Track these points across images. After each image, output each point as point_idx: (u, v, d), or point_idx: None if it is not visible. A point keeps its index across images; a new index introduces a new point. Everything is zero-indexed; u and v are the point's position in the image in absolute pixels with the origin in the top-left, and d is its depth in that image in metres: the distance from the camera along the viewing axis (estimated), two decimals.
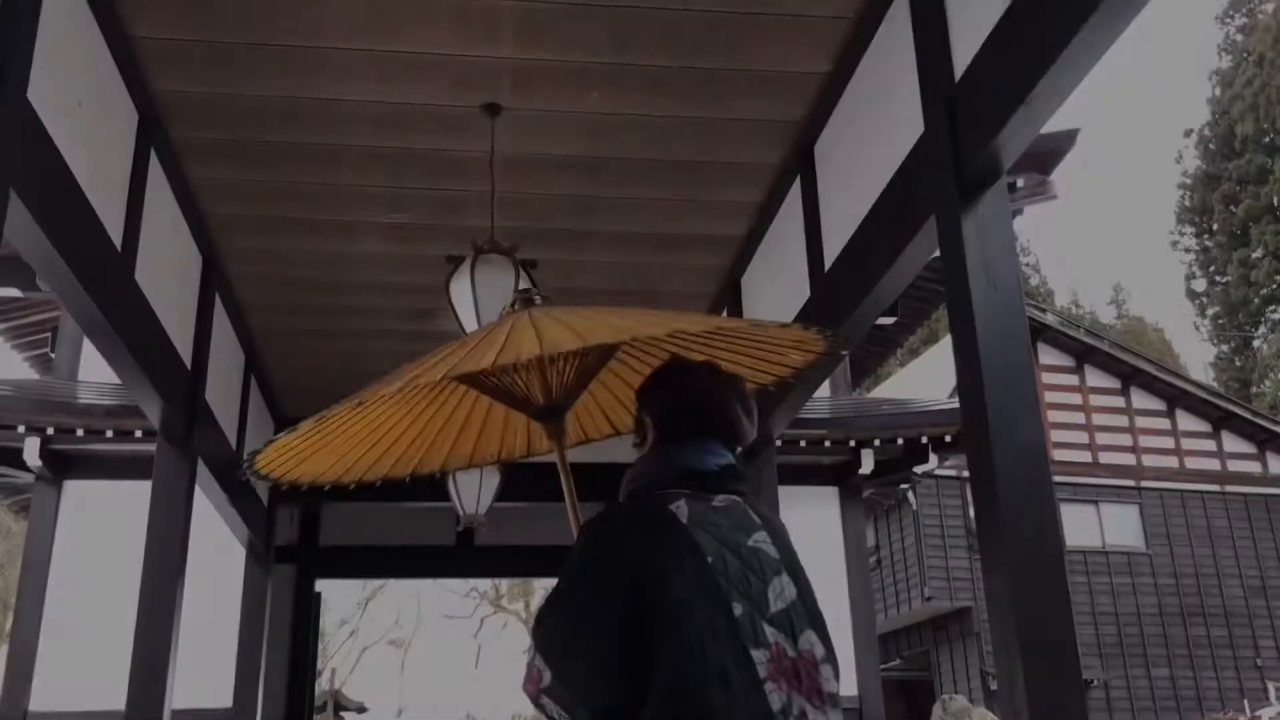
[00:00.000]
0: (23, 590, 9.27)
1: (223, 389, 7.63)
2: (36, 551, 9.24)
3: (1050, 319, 23.28)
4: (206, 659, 8.70)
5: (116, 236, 5.18)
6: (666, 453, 2.38)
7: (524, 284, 5.28)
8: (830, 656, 2.05)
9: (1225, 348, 46.21)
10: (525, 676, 1.96)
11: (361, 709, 33.56)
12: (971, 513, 20.16)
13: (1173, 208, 47.91)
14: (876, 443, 10.25)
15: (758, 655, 1.85)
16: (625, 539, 2.07)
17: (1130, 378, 23.27)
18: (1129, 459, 22.59)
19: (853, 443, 10.21)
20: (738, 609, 1.88)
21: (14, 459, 9.02)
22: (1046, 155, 7.88)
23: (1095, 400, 23.06)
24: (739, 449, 2.43)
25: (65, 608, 9.10)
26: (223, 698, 8.92)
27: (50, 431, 8.84)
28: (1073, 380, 22.92)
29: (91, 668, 8.73)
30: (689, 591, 1.88)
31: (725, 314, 7.74)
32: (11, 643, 9.39)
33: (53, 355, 10.69)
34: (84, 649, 8.86)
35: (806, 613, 2.09)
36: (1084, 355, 23.08)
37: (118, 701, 6.48)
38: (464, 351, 2.38)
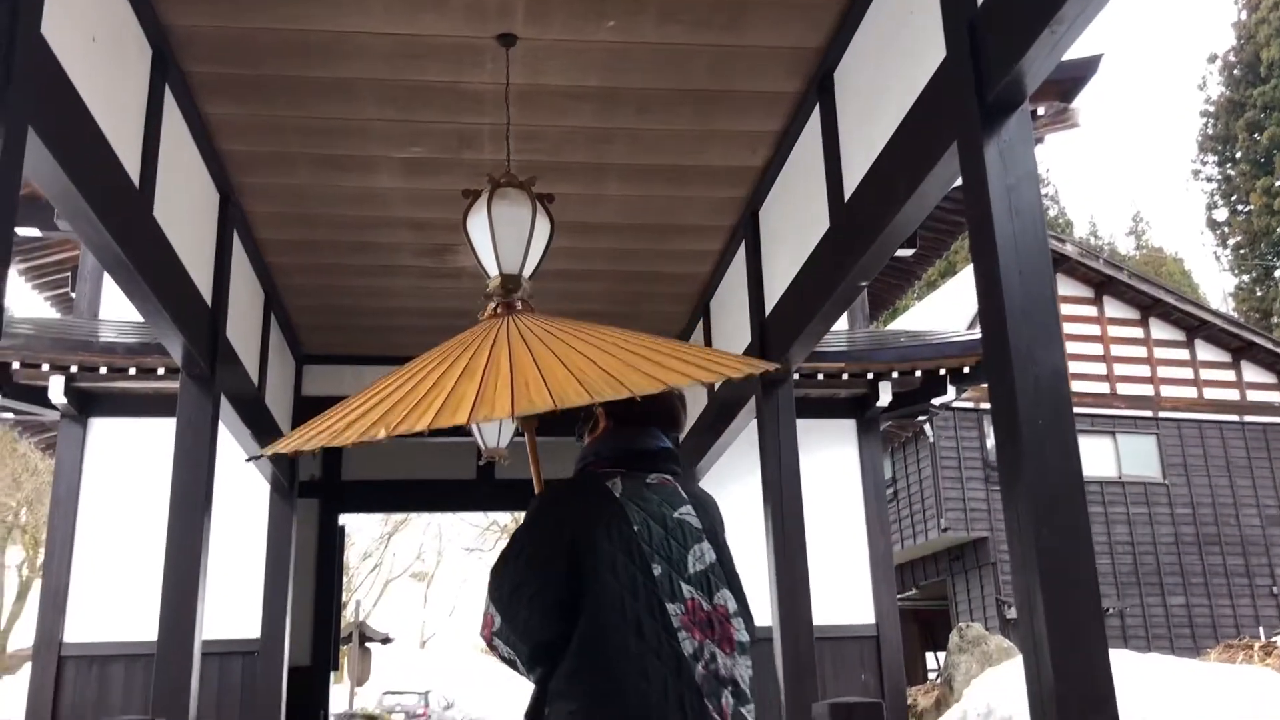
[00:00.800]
0: (53, 526, 9.43)
1: (243, 326, 7.67)
2: (65, 488, 9.37)
3: (1069, 249, 23.09)
4: (234, 593, 8.87)
5: (134, 173, 5.19)
6: (615, 435, 2.78)
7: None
8: (742, 611, 2.52)
9: (1246, 278, 45.75)
10: (481, 622, 2.34)
11: (386, 640, 34.19)
12: (989, 445, 20.23)
13: (1195, 136, 47.11)
14: (894, 375, 10.24)
15: (673, 608, 2.23)
16: (566, 508, 2.48)
17: (1149, 308, 23.11)
18: (1147, 390, 22.52)
19: (870, 375, 10.20)
20: (657, 569, 2.25)
21: (39, 397, 9.12)
22: (1068, 82, 7.74)
23: (1114, 331, 22.94)
24: (676, 434, 2.85)
25: (95, 543, 9.25)
26: (250, 630, 9.09)
27: (74, 370, 8.92)
28: (1091, 311, 22.78)
29: (122, 601, 8.92)
30: (615, 553, 2.26)
31: (743, 246, 7.71)
32: (44, 577, 9.57)
33: (73, 295, 10.74)
34: (114, 583, 9.03)
35: (724, 574, 2.50)
36: (1103, 286, 22.91)
37: (149, 633, 6.63)
38: (438, 373, 2.60)
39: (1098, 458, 20.44)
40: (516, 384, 2.34)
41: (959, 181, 4.28)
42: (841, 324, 10.83)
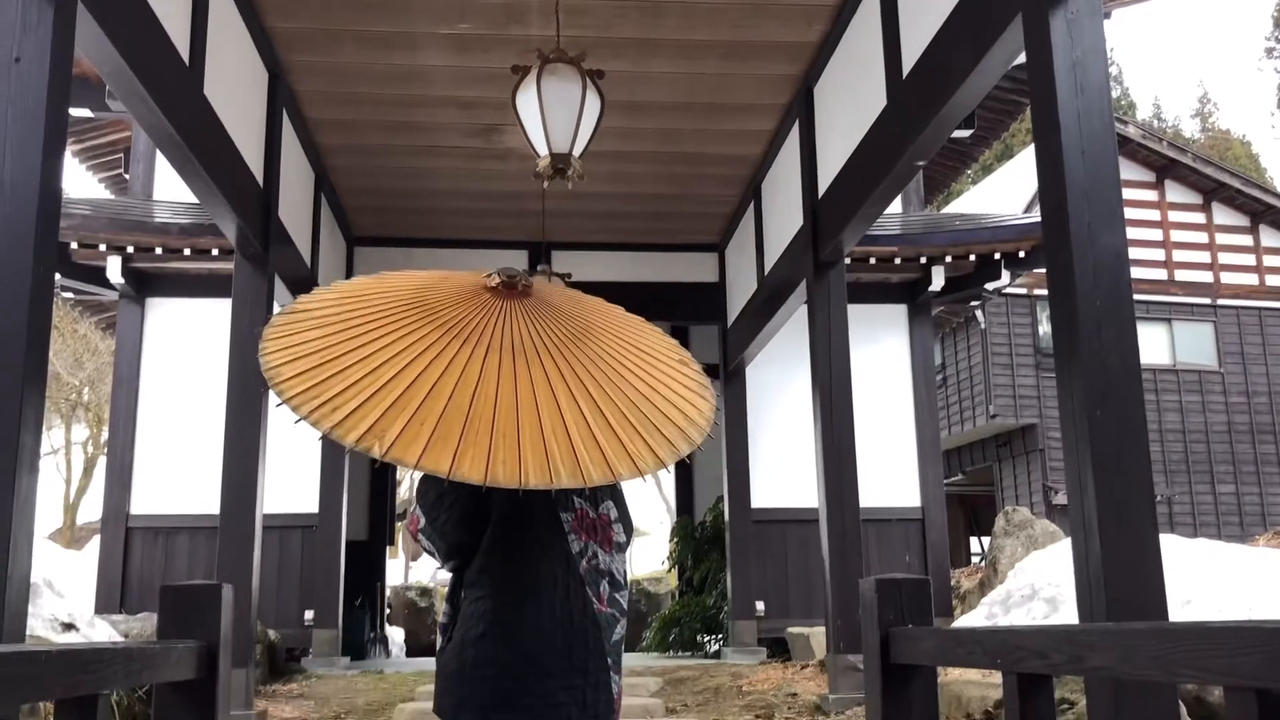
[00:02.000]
0: (115, 404, 9.69)
1: (295, 207, 7.71)
2: (126, 367, 9.60)
3: (1131, 131, 22.38)
4: (293, 470, 9.08)
5: (184, 50, 5.16)
6: None
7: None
8: (623, 518, 2.79)
9: None
10: (410, 520, 2.71)
11: None
12: (1041, 331, 19.98)
13: (1270, 11, 45.00)
14: (947, 259, 10.10)
15: (565, 516, 2.61)
16: None
17: (1212, 193, 22.44)
18: (1206, 276, 22.02)
19: (924, 259, 10.07)
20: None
21: (98, 277, 9.27)
22: None
23: (1174, 216, 22.35)
24: None
25: (156, 420, 9.50)
26: (309, 505, 9.35)
27: (130, 250, 9.04)
28: (1151, 196, 22.17)
29: (184, 476, 9.19)
30: None
31: (796, 125, 7.57)
32: (109, 454, 9.88)
33: (127, 176, 10.82)
34: (176, 458, 9.29)
35: (608, 488, 2.74)
36: (1165, 170, 22.23)
37: (211, 507, 6.85)
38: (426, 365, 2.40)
39: (1152, 345, 20.13)
40: (526, 442, 2.30)
41: (1022, 58, 4.15)
42: (895, 207, 10.65)
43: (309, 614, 9.32)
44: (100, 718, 2.23)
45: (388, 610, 13.43)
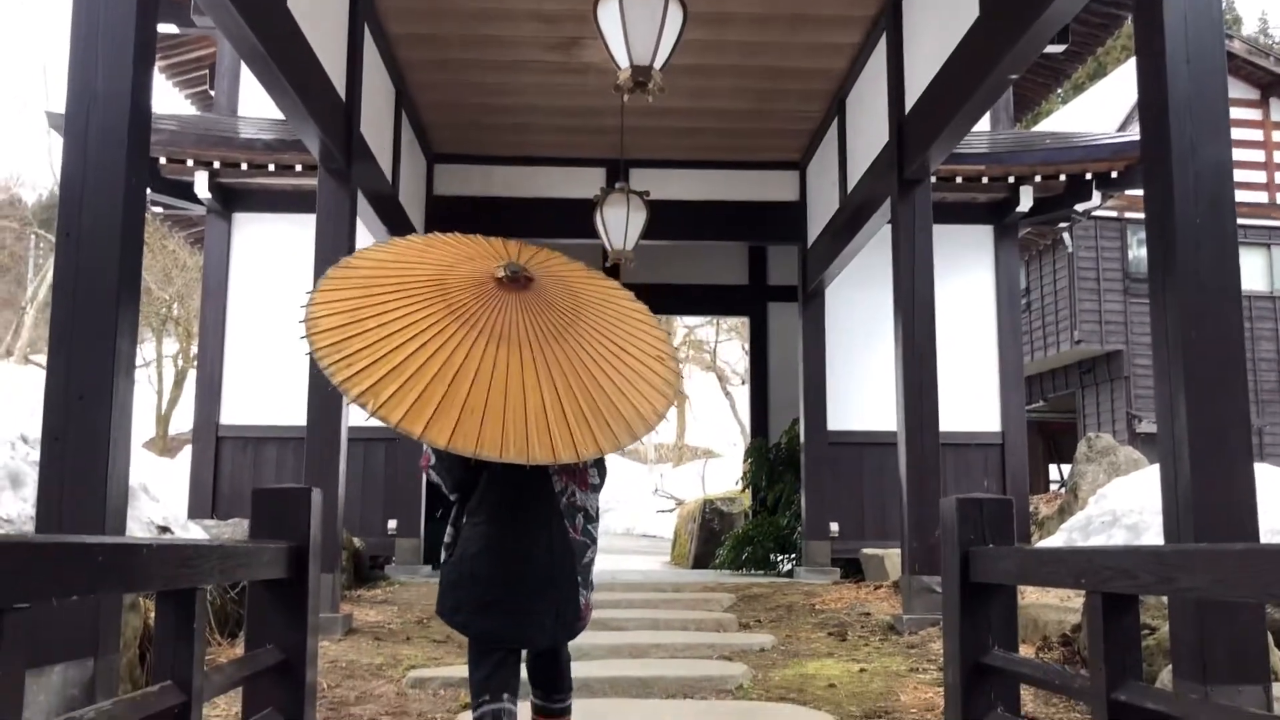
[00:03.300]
0: (204, 318, 9.94)
1: (377, 123, 7.74)
2: (214, 281, 9.81)
3: (1235, 46, 21.36)
4: None
5: None
6: None
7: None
8: (597, 464, 3.29)
9: None
10: (424, 456, 3.24)
11: None
12: (1130, 255, 19.41)
13: None
14: (1037, 179, 9.80)
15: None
16: None
17: None
18: None
19: (1012, 179, 9.79)
20: None
21: (186, 192, 9.45)
22: None
23: (1278, 136, 21.45)
24: None
25: (244, 334, 9.73)
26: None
27: (216, 165, 9.19)
28: (1255, 115, 21.23)
29: (272, 388, 9.43)
30: None
31: (884, 38, 7.37)
32: (199, 366, 10.16)
33: (212, 92, 10.95)
34: (264, 371, 9.52)
35: None
36: (1270, 87, 21.24)
37: (298, 419, 7.02)
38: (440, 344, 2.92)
39: (1249, 271, 19.40)
40: (532, 424, 2.83)
41: None
42: (983, 125, 10.36)
43: (392, 523, 9.58)
44: (198, 611, 2.32)
45: None
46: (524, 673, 3.33)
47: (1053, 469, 23.56)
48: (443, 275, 3.11)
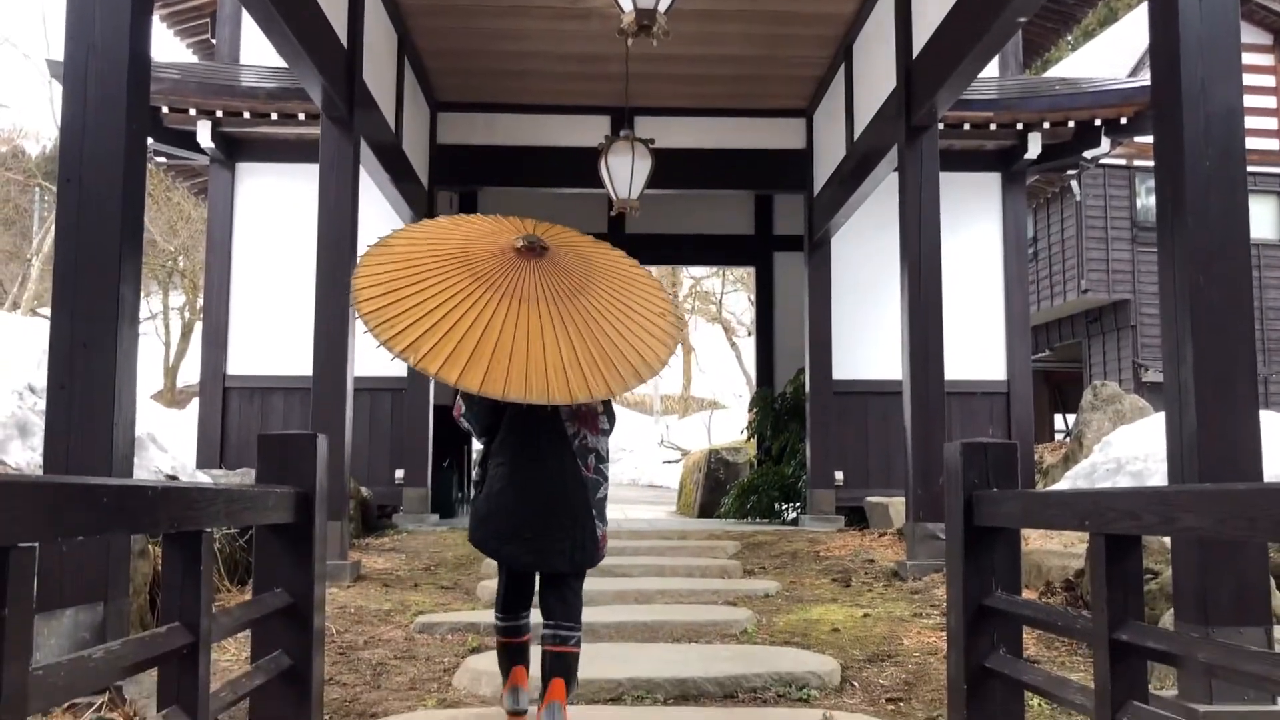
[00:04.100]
0: (209, 268, 9.92)
1: (379, 70, 7.67)
2: (218, 231, 9.78)
3: None
4: None
5: None
6: None
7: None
8: (607, 412, 3.64)
9: None
10: (455, 406, 3.65)
11: None
12: (1138, 204, 19.27)
13: None
14: (1045, 125, 9.71)
15: (563, 409, 3.48)
16: None
17: None
18: None
19: (1020, 125, 9.70)
20: None
21: (189, 142, 9.40)
22: None
23: None
24: None
25: (249, 284, 9.72)
26: (399, 369, 9.55)
27: (219, 114, 9.12)
28: (1266, 60, 20.95)
29: (279, 338, 9.44)
30: None
31: None
32: (205, 316, 10.17)
33: (213, 40, 10.84)
34: (270, 321, 9.53)
35: None
36: None
37: (305, 369, 7.03)
38: (468, 306, 3.33)
39: (1258, 219, 19.25)
40: (545, 370, 3.21)
41: None
42: (992, 71, 10.23)
43: (399, 473, 9.63)
44: (205, 554, 2.33)
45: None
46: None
47: (1058, 419, 23.58)
48: (468, 247, 3.53)
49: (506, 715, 3.52)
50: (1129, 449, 6.62)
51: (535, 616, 3.60)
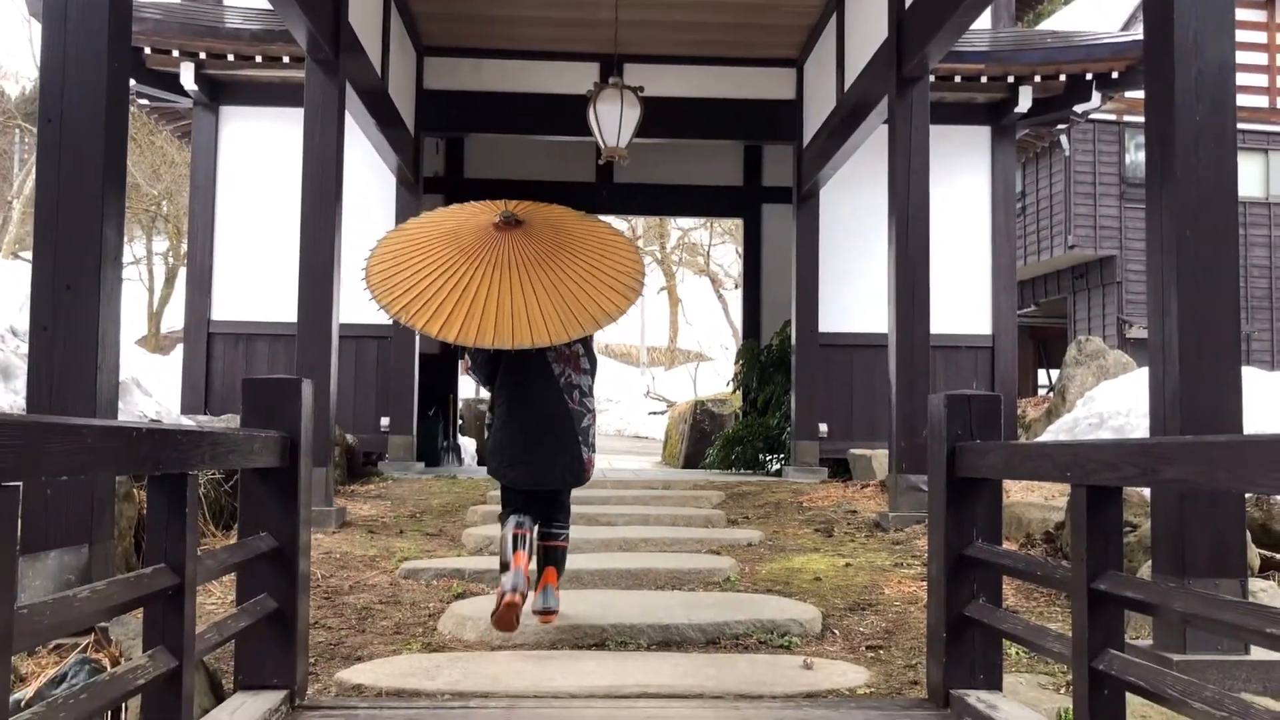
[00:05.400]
0: (193, 213, 9.84)
1: (365, 13, 7.56)
2: (202, 175, 9.68)
3: None
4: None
5: None
6: None
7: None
8: (587, 351, 4.24)
9: None
10: (461, 363, 4.45)
11: None
12: (1127, 160, 19.25)
13: None
14: (1036, 79, 9.66)
15: (549, 352, 4.11)
16: None
17: None
18: None
19: (1011, 78, 9.65)
20: None
21: (172, 84, 9.27)
22: None
23: None
24: None
25: (234, 229, 9.64)
26: (383, 317, 9.51)
27: (202, 56, 9.00)
28: (1259, 16, 20.86)
29: (263, 284, 9.39)
30: None
31: None
32: (189, 262, 10.09)
33: None
34: (254, 267, 9.47)
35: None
36: None
37: (290, 315, 7.00)
38: (453, 279, 4.02)
39: (1245, 176, 19.26)
40: (517, 320, 3.86)
41: None
42: (983, 24, 10.16)
43: (385, 420, 9.63)
44: (189, 497, 2.33)
45: (460, 421, 13.79)
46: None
47: (1042, 374, 23.70)
48: (457, 228, 4.23)
49: (500, 601, 3.81)
50: (1112, 404, 6.65)
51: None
